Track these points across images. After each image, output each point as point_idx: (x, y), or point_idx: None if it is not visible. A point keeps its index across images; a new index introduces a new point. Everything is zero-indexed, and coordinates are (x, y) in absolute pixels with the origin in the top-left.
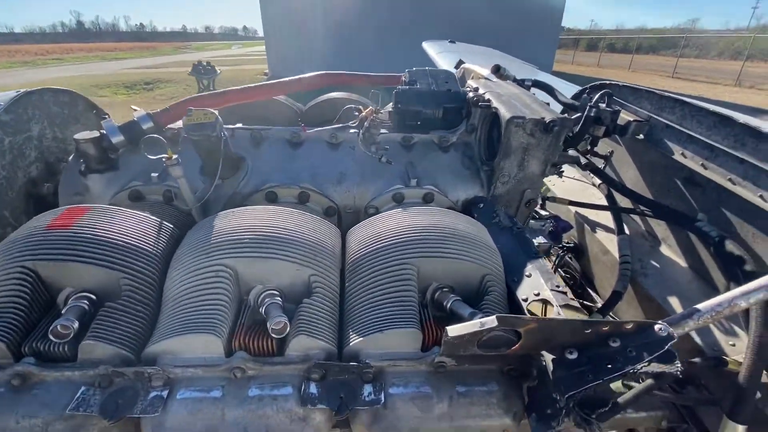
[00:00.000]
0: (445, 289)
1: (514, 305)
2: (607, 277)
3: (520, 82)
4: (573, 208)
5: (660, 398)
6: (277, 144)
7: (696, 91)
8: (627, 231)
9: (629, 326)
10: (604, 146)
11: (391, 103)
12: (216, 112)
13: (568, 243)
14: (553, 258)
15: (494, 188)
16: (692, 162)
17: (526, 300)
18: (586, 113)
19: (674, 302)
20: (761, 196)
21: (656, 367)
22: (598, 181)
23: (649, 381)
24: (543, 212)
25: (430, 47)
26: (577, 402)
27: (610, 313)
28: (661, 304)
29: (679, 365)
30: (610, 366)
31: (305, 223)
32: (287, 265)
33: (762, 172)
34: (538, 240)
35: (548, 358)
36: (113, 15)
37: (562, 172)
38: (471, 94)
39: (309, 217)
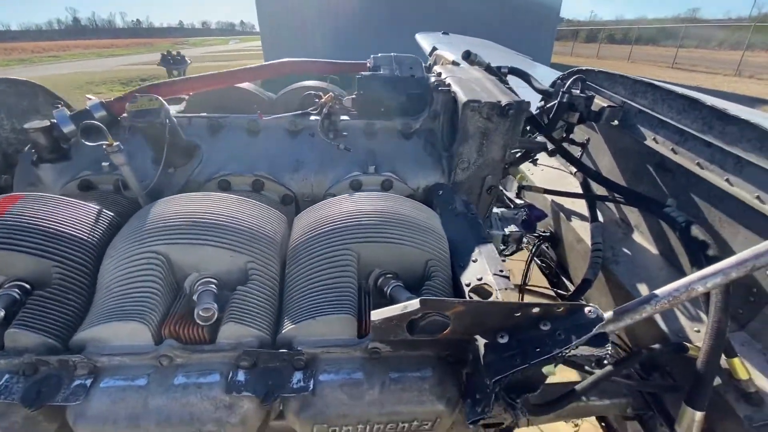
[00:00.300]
0: (388, 275)
1: (458, 291)
2: (581, 266)
3: (495, 69)
4: (549, 197)
5: (623, 385)
6: (234, 132)
7: (695, 81)
8: (601, 219)
9: (560, 309)
10: (581, 134)
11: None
12: (160, 98)
13: (544, 232)
14: (530, 247)
15: (454, 175)
16: (663, 147)
17: (468, 285)
18: (559, 99)
19: (643, 289)
20: (727, 180)
21: (586, 351)
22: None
23: (609, 368)
24: (518, 201)
25: (423, 39)
26: (505, 386)
27: (581, 300)
28: (629, 291)
29: (609, 348)
30: (538, 349)
31: (244, 209)
32: (221, 252)
33: (728, 155)
34: (510, 228)
35: (481, 342)
36: (109, 11)
37: (536, 160)
38: (433, 80)
39: (250, 203)
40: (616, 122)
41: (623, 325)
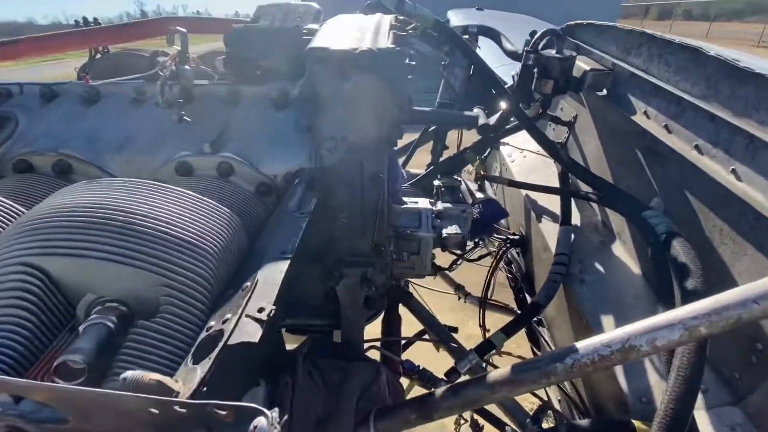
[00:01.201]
0: (108, 305)
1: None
2: None
3: (449, 27)
4: (524, 191)
5: None
6: (68, 102)
7: None
8: (579, 221)
9: (223, 413)
10: (570, 110)
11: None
12: None
13: (514, 234)
14: (494, 252)
15: (319, 158)
16: (654, 123)
17: (209, 329)
18: (523, 62)
19: (608, 323)
20: (734, 171)
21: None
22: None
23: None
24: (480, 194)
25: (454, 15)
26: None
27: (542, 329)
28: (590, 323)
29: None
30: None
31: None
32: None
33: (737, 133)
34: (450, 230)
35: None
36: (172, 4)
37: (500, 144)
38: (311, 28)
39: None
40: (604, 91)
41: None
